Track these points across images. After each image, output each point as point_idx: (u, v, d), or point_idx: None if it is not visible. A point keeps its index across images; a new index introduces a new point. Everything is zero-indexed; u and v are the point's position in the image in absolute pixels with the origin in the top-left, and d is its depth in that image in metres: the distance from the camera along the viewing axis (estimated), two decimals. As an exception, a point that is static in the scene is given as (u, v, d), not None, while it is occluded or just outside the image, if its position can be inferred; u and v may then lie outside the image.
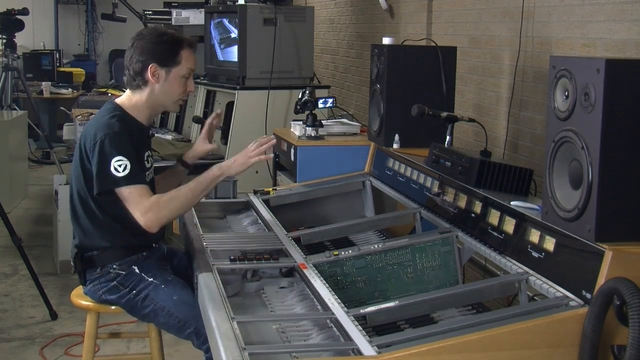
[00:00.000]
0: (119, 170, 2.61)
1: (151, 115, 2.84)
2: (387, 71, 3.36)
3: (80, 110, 6.47)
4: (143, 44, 2.75)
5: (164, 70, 2.74)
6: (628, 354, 1.77)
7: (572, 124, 2.06)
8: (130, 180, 2.62)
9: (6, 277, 5.05)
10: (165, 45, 2.75)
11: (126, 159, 2.62)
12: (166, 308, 2.66)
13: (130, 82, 2.78)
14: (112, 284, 2.74)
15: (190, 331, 2.61)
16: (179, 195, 2.67)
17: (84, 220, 2.75)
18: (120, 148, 2.63)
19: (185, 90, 2.80)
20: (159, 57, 2.74)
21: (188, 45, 2.79)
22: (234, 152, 4.68)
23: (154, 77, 2.74)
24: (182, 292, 2.68)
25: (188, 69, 2.77)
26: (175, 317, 2.64)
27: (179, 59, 2.75)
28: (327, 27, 6.96)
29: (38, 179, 8.00)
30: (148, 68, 2.73)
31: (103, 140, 2.63)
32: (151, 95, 2.77)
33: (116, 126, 2.66)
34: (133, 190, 2.63)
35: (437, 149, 2.97)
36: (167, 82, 2.75)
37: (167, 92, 2.77)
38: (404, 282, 2.62)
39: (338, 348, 1.95)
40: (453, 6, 4.34)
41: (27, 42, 10.66)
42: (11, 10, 8.00)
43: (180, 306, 2.64)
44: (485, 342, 1.87)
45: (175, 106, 2.84)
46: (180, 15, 6.01)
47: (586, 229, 1.99)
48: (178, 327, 2.65)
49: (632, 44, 2.81)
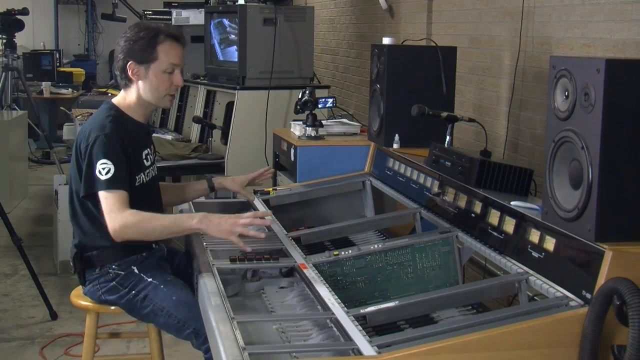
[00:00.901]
0: (102, 173, 2.59)
1: (146, 112, 2.82)
2: (387, 71, 3.36)
3: (80, 110, 6.48)
4: (122, 42, 2.74)
5: (142, 67, 2.71)
6: (628, 354, 1.77)
7: (572, 124, 2.06)
8: (110, 185, 2.59)
9: (6, 277, 5.05)
10: (141, 41, 2.70)
11: (111, 163, 2.60)
12: (165, 308, 2.65)
13: (119, 82, 2.79)
14: (112, 284, 2.74)
15: (190, 331, 2.60)
16: (151, 224, 2.59)
17: (83, 220, 2.75)
18: (107, 151, 2.61)
19: (171, 85, 2.74)
20: (136, 55, 2.71)
21: (166, 38, 2.71)
22: (234, 152, 4.73)
23: (134, 76, 2.73)
24: (182, 292, 2.68)
25: (169, 63, 2.71)
26: (175, 318, 2.64)
27: (156, 54, 2.70)
28: (327, 27, 6.96)
29: (38, 179, 8.00)
30: (127, 66, 2.72)
31: (94, 142, 2.63)
32: (136, 93, 2.76)
33: (108, 127, 2.65)
34: (109, 196, 2.59)
35: (437, 149, 2.96)
36: (147, 78, 2.72)
37: (150, 89, 2.73)
38: (404, 282, 2.62)
39: (338, 348, 1.95)
40: (453, 6, 4.34)
41: (27, 42, 10.66)
42: (11, 10, 8.00)
43: (179, 306, 2.63)
44: (485, 342, 1.87)
45: (164, 101, 2.78)
46: (180, 15, 6.01)
47: (586, 229, 1.99)
48: (177, 327, 2.64)
49: (632, 44, 2.81)
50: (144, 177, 2.77)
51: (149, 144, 2.85)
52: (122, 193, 2.61)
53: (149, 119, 2.88)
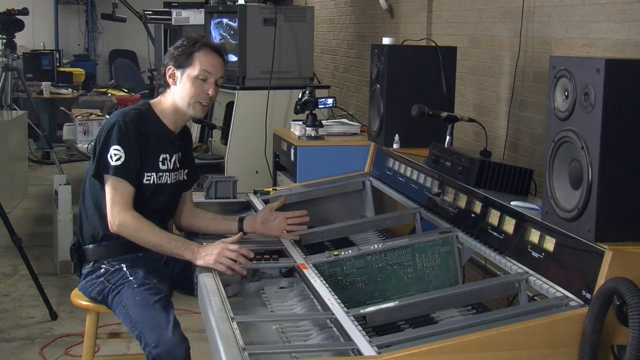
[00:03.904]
0: (112, 158, 2.68)
1: (177, 120, 2.85)
2: (387, 71, 3.36)
3: (80, 110, 6.47)
4: (169, 49, 2.86)
5: (179, 71, 2.79)
6: (628, 354, 1.77)
7: (572, 124, 2.06)
8: (117, 172, 2.67)
9: (6, 277, 5.05)
10: (181, 48, 2.80)
11: (122, 151, 2.68)
12: (126, 306, 2.66)
13: (160, 86, 2.87)
14: (100, 280, 2.76)
15: (137, 332, 2.58)
16: (147, 236, 2.66)
17: (89, 204, 2.80)
18: (122, 138, 2.69)
19: (202, 93, 2.77)
20: (175, 59, 2.80)
21: (203, 46, 2.79)
22: (234, 152, 4.73)
23: (170, 79, 2.81)
24: (148, 296, 2.64)
25: (202, 70, 2.76)
26: (129, 317, 2.63)
27: (192, 60, 2.77)
28: (327, 27, 6.97)
29: (38, 179, 7.99)
30: (166, 70, 2.81)
31: (112, 126, 2.71)
32: (171, 98, 2.82)
33: (129, 116, 2.74)
34: (116, 186, 2.67)
35: (437, 149, 2.96)
36: (181, 83, 2.79)
37: (182, 94, 2.79)
38: (404, 282, 2.62)
39: (338, 348, 1.95)
40: (453, 6, 4.34)
41: (27, 42, 10.66)
42: (11, 10, 7.99)
43: (137, 307, 2.62)
44: (485, 343, 1.87)
45: (194, 109, 2.79)
46: (180, 15, 6.01)
47: (586, 229, 1.99)
48: (130, 326, 2.63)
49: (632, 44, 2.81)
50: (155, 178, 2.79)
51: (171, 151, 2.84)
52: (128, 187, 2.69)
53: (178, 128, 2.88)
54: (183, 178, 2.93)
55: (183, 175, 2.92)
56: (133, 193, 2.71)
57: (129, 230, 2.66)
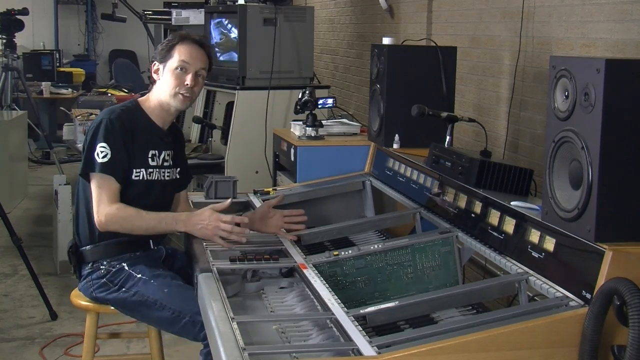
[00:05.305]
0: (99, 155, 2.70)
1: (164, 116, 2.86)
2: (387, 71, 3.36)
3: (80, 110, 6.46)
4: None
5: (162, 65, 2.85)
6: (628, 354, 1.77)
7: (572, 124, 2.06)
8: (105, 169, 2.70)
9: (6, 277, 5.05)
10: (165, 42, 2.87)
11: (108, 148, 2.71)
12: (158, 301, 2.63)
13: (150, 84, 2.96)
14: (102, 281, 2.76)
15: (186, 320, 2.56)
16: (136, 222, 2.70)
17: (83, 205, 2.81)
18: (107, 136, 2.72)
19: (180, 84, 2.80)
20: (159, 54, 2.87)
21: (184, 40, 2.85)
22: (234, 152, 4.73)
23: (155, 74, 2.86)
24: (172, 282, 2.67)
25: (180, 60, 2.80)
26: (169, 309, 2.61)
27: (172, 52, 2.83)
28: (327, 27, 6.97)
29: (38, 179, 8.00)
30: (152, 66, 2.88)
31: (99, 125, 2.74)
32: (157, 93, 2.86)
33: (115, 113, 2.77)
34: (102, 183, 2.70)
35: (437, 149, 2.96)
36: (164, 76, 2.84)
37: (163, 86, 2.83)
38: (404, 282, 2.62)
39: (338, 348, 1.95)
40: (453, 6, 4.34)
41: (27, 42, 10.66)
42: (11, 10, 7.99)
43: (172, 297, 2.62)
44: (485, 343, 1.87)
45: (176, 100, 2.81)
46: (180, 15, 6.01)
47: (586, 229, 1.99)
48: (172, 319, 2.60)
49: (632, 44, 2.81)
50: (145, 174, 2.79)
51: (160, 147, 2.85)
52: (114, 183, 2.71)
53: (166, 124, 2.89)
54: (175, 177, 2.93)
55: (175, 174, 2.93)
56: (119, 190, 2.72)
57: (117, 222, 2.68)
